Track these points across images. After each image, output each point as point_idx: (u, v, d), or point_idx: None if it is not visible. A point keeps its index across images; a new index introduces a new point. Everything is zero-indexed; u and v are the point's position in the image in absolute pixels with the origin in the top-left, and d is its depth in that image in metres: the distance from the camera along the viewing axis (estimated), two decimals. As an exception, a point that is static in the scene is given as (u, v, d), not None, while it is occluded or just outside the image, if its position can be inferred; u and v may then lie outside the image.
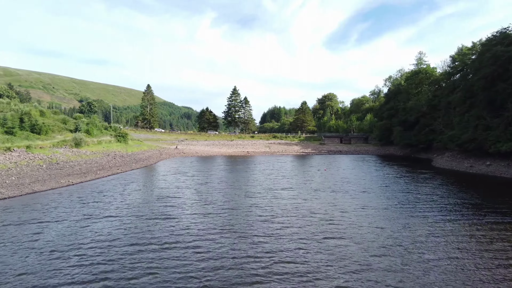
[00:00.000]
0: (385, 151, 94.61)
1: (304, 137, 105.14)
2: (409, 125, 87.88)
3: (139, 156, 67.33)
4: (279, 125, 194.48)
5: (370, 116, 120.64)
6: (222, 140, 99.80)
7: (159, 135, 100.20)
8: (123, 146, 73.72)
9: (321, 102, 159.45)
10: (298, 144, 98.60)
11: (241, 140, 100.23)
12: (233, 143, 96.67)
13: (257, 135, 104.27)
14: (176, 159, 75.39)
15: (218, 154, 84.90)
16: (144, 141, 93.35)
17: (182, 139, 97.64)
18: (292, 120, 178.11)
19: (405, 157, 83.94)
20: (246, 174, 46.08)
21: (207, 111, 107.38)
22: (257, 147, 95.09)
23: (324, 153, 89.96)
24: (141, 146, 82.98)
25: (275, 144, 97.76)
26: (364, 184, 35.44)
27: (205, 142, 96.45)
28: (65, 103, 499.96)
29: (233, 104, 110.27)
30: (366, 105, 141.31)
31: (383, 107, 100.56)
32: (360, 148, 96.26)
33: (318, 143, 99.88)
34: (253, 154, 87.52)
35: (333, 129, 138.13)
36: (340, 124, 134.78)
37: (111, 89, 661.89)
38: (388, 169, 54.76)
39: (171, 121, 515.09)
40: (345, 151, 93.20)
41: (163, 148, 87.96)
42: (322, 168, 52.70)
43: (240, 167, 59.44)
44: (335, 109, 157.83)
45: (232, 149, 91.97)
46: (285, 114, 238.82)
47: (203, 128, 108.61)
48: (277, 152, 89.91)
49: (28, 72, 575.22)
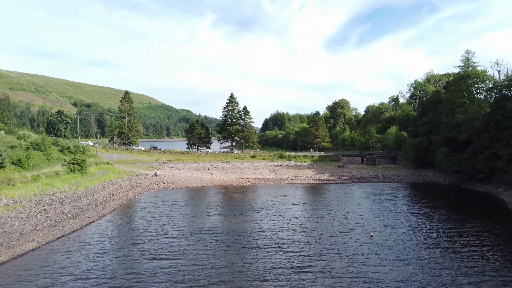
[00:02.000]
0: (422, 177, 74.75)
1: (317, 157, 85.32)
2: (457, 145, 68.27)
3: (93, 197, 47.77)
4: (283, 134, 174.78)
5: (395, 129, 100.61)
6: (215, 161, 79.98)
7: (137, 155, 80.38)
8: (76, 179, 53.98)
9: (332, 109, 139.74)
10: (311, 166, 78.71)
11: (240, 161, 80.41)
12: (229, 166, 76.83)
13: (259, 154, 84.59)
14: (152, 194, 56.18)
15: (209, 184, 65.31)
16: (116, 165, 73.73)
17: (165, 160, 77.82)
18: (298, 130, 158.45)
19: (452, 188, 64.53)
20: (244, 228, 26.60)
21: (198, 124, 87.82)
22: (259, 171, 75.24)
23: (345, 180, 70.15)
24: (106, 175, 63.26)
25: (282, 167, 77.87)
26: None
27: (194, 164, 76.66)
28: (58, 106, 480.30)
29: (230, 115, 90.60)
30: (386, 114, 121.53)
31: (417, 120, 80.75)
32: (389, 172, 76.41)
33: (335, 165, 80.00)
34: (255, 182, 67.97)
35: (347, 143, 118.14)
36: (357, 137, 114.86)
37: (107, 92, 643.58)
38: (448, 217, 36.58)
39: (168, 125, 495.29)
40: (371, 177, 73.33)
41: (139, 175, 68.33)
42: (365, 230, 33.29)
43: (237, 209, 44.90)
44: (348, 117, 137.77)
45: (228, 174, 72.28)
46: (289, 120, 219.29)
47: (193, 145, 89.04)
48: (285, 179, 70.12)
49: (21, 74, 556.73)
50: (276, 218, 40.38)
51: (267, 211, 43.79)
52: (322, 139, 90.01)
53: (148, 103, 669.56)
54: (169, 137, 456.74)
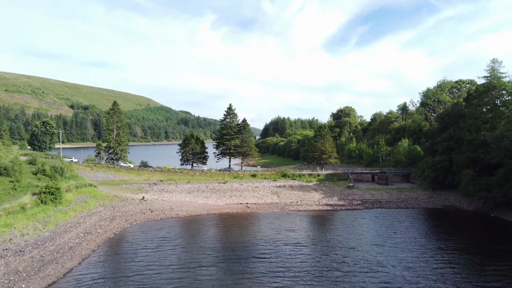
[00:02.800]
0: (442, 200, 67.08)
1: (324, 176, 77.40)
2: (484, 167, 60.41)
3: (63, 239, 40.42)
4: (284, 141, 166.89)
5: (407, 142, 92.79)
6: (211, 181, 72.19)
7: (124, 174, 72.55)
8: (46, 213, 46.35)
9: (337, 117, 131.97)
10: (318, 187, 70.91)
11: (238, 181, 72.63)
12: (227, 187, 69.03)
13: (259, 173, 76.63)
14: (137, 228, 48.97)
15: (204, 212, 57.72)
16: (99, 187, 65.97)
17: (156, 180, 69.99)
18: (300, 138, 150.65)
19: (479, 216, 56.99)
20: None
21: (193, 138, 79.98)
22: (260, 193, 67.47)
23: (357, 205, 62.46)
24: (86, 202, 55.56)
25: (285, 188, 70.11)
26: None
27: (188, 185, 68.86)
28: (54, 108, 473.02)
29: (228, 128, 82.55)
30: (395, 123, 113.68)
31: (434, 134, 72.89)
32: (405, 194, 68.73)
33: (344, 186, 72.21)
34: (255, 208, 60.36)
35: (354, 155, 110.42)
36: (364, 149, 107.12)
37: (105, 94, 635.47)
38: (481, 260, 32.61)
39: (166, 128, 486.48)
40: (385, 201, 65.59)
41: (124, 200, 60.64)
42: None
43: (233, 256, 38.61)
44: (354, 125, 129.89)
45: (225, 198, 64.58)
46: (290, 126, 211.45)
47: (187, 160, 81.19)
48: (289, 204, 62.40)
49: (17, 75, 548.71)
50: (280, 270, 32.78)
51: (269, 259, 36.15)
52: (329, 154, 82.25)
53: (147, 105, 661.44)
54: (167, 140, 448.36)
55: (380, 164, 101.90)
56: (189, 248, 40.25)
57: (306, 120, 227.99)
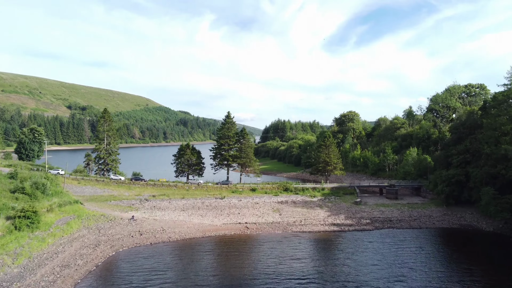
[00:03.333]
0: (458, 218, 61.98)
1: (329, 189, 72.13)
2: (505, 183, 55.16)
3: (34, 276, 35.86)
4: (285, 146, 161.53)
5: (415, 151, 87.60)
6: (208, 196, 66.98)
7: (114, 189, 67.26)
8: (19, 241, 41.21)
9: (340, 123, 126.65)
10: (322, 203, 65.69)
11: (237, 196, 67.41)
12: (224, 204, 63.79)
13: (260, 186, 71.23)
14: (123, 255, 44.46)
15: (199, 234, 52.83)
16: (86, 203, 60.77)
17: (147, 196, 64.75)
18: (302, 143, 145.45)
19: (501, 239, 51.80)
20: None
21: (188, 149, 74.59)
22: (261, 211, 62.32)
23: (366, 224, 57.48)
24: (68, 224, 50.36)
25: (288, 204, 64.93)
26: None
27: (182, 202, 63.59)
28: (52, 109, 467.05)
29: (226, 137, 77.09)
30: (402, 130, 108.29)
31: (449, 146, 67.60)
32: (417, 211, 63.70)
33: (351, 201, 67.04)
34: (255, 229, 55.39)
35: (359, 163, 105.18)
36: (370, 157, 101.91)
37: (103, 94, 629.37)
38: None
39: (165, 129, 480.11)
40: (396, 219, 60.48)
41: (112, 220, 55.47)
42: None
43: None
44: (358, 131, 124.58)
45: (223, 217, 59.43)
46: (291, 129, 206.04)
47: (182, 172, 75.81)
48: (292, 223, 57.34)
49: (14, 75, 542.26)
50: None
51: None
52: (334, 166, 76.92)
53: (146, 105, 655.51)
54: (166, 141, 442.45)
55: (387, 174, 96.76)
56: (179, 284, 35.05)
57: (307, 123, 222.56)
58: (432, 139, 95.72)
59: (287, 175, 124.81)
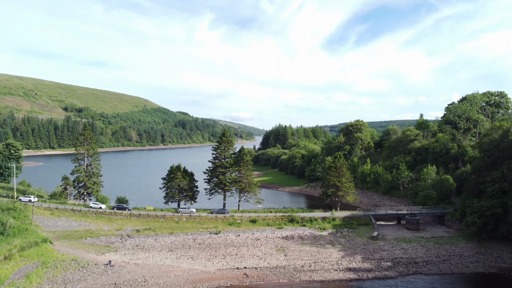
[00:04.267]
0: (494, 259, 53.06)
1: (340, 219, 62.80)
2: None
3: None
4: (287, 154, 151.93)
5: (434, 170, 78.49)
6: (201, 230, 57.79)
7: (92, 221, 58.05)
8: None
9: (347, 133, 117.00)
10: (334, 238, 56.52)
11: (235, 229, 58.27)
12: (220, 241, 54.58)
13: (261, 217, 61.70)
14: None
15: (189, 285, 43.07)
16: (56, 242, 51.84)
17: (130, 230, 55.52)
18: (305, 153, 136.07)
19: None
20: None
21: (179, 171, 65.17)
22: (262, 250, 53.13)
23: (387, 269, 48.48)
24: (27, 279, 40.95)
25: (294, 241, 55.81)
26: None
27: (170, 238, 54.40)
28: (47, 111, 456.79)
29: (221, 158, 67.47)
30: (415, 143, 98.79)
31: (481, 172, 58.14)
32: (445, 248, 55.00)
33: (367, 235, 57.97)
34: (257, 278, 46.69)
35: (369, 179, 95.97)
36: (381, 173, 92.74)
37: (100, 95, 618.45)
38: None
39: (163, 131, 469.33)
40: (422, 260, 51.41)
41: (83, 267, 46.38)
42: None
43: None
44: (367, 142, 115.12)
45: (218, 260, 50.39)
46: (292, 135, 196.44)
47: (172, 198, 66.42)
48: (300, 269, 48.21)
49: (9, 77, 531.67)
50: None
51: None
52: (346, 191, 67.51)
53: (144, 106, 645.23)
54: (163, 143, 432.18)
55: (401, 193, 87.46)
56: None
57: (309, 128, 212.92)
58: (451, 154, 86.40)
59: (290, 189, 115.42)
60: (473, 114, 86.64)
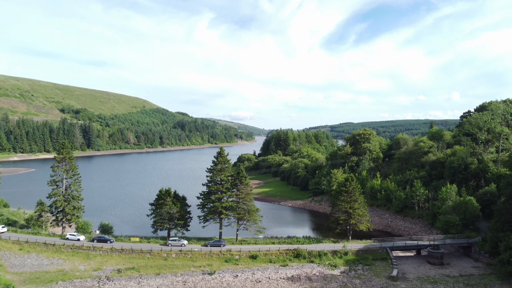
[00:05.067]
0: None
1: (354, 253, 54.76)
2: None
3: None
4: (289, 162, 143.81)
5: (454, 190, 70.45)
6: (192, 269, 49.88)
7: (66, 259, 50.03)
8: None
9: (354, 143, 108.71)
10: (348, 278, 48.61)
11: (232, 267, 50.20)
12: (214, 284, 46.85)
13: (262, 252, 53.59)
14: None
15: None
16: (20, 287, 43.08)
17: (110, 270, 47.54)
18: (308, 162, 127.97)
19: None
20: None
21: (169, 196, 56.99)
22: (264, 297, 44.54)
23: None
24: None
25: (301, 282, 48.23)
26: None
27: (157, 280, 46.49)
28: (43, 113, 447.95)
29: (217, 182, 59.11)
30: (430, 155, 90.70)
31: None
32: (479, 292, 45.94)
33: (385, 275, 49.87)
34: None
35: (380, 196, 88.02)
36: (393, 190, 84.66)
37: (98, 96, 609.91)
38: None
39: (161, 133, 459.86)
40: (453, 309, 42.64)
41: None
42: None
43: None
44: (375, 153, 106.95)
45: (210, 312, 41.53)
46: (294, 140, 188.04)
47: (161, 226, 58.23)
48: (310, 326, 39.40)
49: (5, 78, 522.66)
50: None
51: None
52: (359, 218, 59.27)
53: (142, 107, 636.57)
54: (162, 146, 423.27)
55: (417, 213, 79.38)
56: None
57: (311, 133, 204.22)
58: (471, 170, 78.30)
59: (293, 203, 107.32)
60: (496, 125, 78.43)
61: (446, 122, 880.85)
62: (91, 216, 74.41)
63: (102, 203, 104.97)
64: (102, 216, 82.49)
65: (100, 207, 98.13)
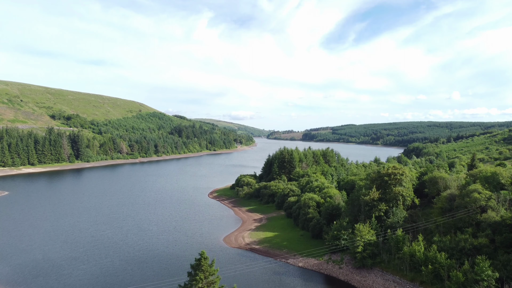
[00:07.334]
0: None
1: None
2: None
3: None
4: (295, 198, 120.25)
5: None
6: None
7: None
8: None
9: (381, 185, 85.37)
10: None
11: None
12: None
13: None
14: None
15: None
16: None
17: None
18: (320, 200, 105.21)
19: None
20: None
21: None
22: None
23: None
24: None
25: None
26: None
27: None
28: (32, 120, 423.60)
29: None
30: (491, 212, 67.50)
31: None
32: None
33: None
34: None
35: (425, 272, 64.82)
36: (444, 264, 61.51)
37: (92, 100, 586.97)
38: None
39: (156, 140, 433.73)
40: None
41: None
42: None
43: None
44: (410, 199, 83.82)
45: None
46: (300, 161, 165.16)
47: None
48: None
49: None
50: None
51: None
52: None
53: (138, 111, 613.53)
54: (157, 155, 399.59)
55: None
56: None
57: (319, 151, 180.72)
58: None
59: (304, 263, 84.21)
60: None
61: (451, 125, 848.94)
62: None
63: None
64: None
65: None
